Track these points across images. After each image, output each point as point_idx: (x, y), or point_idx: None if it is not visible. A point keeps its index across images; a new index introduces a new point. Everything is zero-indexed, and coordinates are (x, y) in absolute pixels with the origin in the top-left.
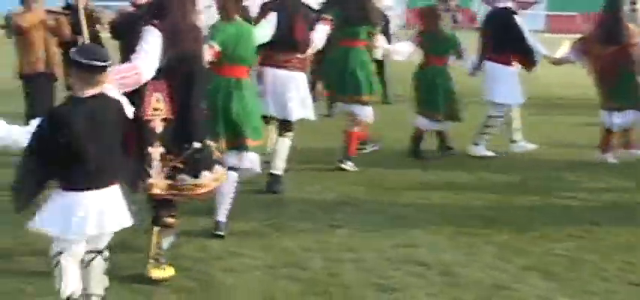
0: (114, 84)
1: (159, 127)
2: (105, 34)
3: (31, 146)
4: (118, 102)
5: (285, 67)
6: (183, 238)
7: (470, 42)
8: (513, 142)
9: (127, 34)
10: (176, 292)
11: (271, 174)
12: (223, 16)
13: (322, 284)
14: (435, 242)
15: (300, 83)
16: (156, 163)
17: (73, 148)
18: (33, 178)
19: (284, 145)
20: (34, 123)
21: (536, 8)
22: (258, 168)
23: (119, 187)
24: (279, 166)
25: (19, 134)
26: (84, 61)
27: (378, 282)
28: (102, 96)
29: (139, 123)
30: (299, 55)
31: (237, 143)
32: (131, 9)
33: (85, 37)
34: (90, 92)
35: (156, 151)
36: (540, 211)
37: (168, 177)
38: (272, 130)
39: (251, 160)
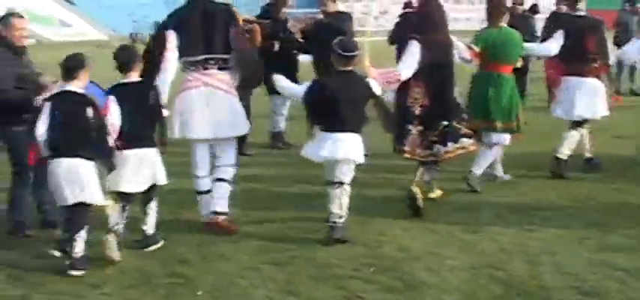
0: (378, 82)
1: (417, 110)
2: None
3: (306, 99)
4: (363, 80)
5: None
6: (384, 238)
7: None
8: None
9: (316, 40)
10: (384, 292)
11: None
12: (490, 24)
13: (523, 285)
14: (634, 247)
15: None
16: (414, 137)
17: (329, 103)
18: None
19: (572, 136)
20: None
21: None
22: (505, 141)
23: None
24: (562, 152)
25: (295, 90)
26: (339, 51)
27: (577, 286)
28: (351, 73)
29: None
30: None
31: (488, 124)
32: (320, 17)
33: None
34: (343, 69)
35: (415, 128)
36: None
37: (427, 147)
38: None
39: (498, 138)
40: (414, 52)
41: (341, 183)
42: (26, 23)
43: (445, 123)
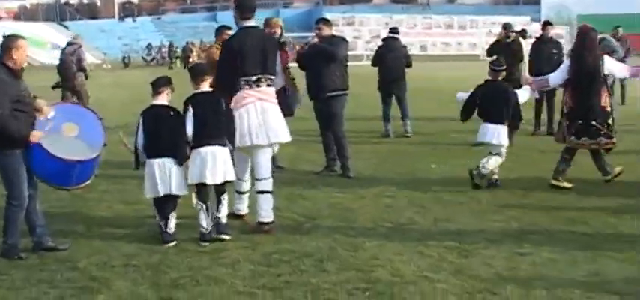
0: (533, 87)
1: (566, 109)
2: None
3: None
4: None
5: None
6: (377, 262)
7: None
8: None
9: (311, 63)
10: None
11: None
12: None
13: None
14: (627, 270)
15: None
16: (563, 129)
17: None
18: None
19: None
20: None
21: None
22: None
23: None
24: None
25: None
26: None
27: None
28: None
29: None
30: None
31: None
32: (315, 40)
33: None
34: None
35: (564, 122)
36: None
37: (575, 137)
38: None
39: None
40: (562, 67)
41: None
42: (27, 46)
43: (580, 121)
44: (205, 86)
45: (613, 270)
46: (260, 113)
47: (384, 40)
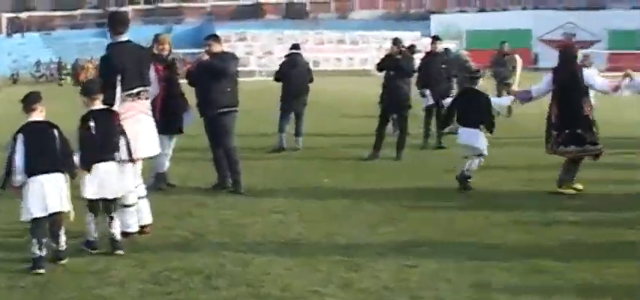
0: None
1: (554, 119)
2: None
3: None
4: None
5: None
6: (266, 277)
7: None
8: None
9: (200, 80)
10: None
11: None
12: None
13: None
14: (511, 281)
15: None
16: (554, 138)
17: None
18: None
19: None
20: None
21: None
22: None
23: None
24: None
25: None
26: None
27: None
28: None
29: None
30: None
31: None
32: (206, 58)
33: None
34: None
35: (554, 132)
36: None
37: (564, 145)
38: None
39: None
40: (544, 80)
41: None
42: None
43: (567, 130)
44: (98, 104)
45: (499, 280)
46: (143, 125)
47: (287, 55)
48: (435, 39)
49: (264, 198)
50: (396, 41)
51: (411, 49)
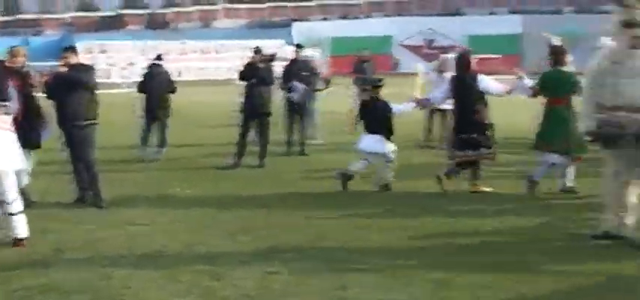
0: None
1: (453, 124)
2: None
3: None
4: None
5: None
6: (127, 291)
7: None
8: None
9: (58, 92)
10: None
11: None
12: (552, 65)
13: None
14: (372, 281)
15: None
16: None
17: None
18: None
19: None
20: None
21: None
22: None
23: None
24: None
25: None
26: None
27: None
28: None
29: None
30: None
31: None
32: (64, 70)
33: None
34: None
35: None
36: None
37: (460, 150)
38: None
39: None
40: (442, 88)
41: None
42: None
43: (462, 135)
44: None
45: (359, 282)
46: (2, 140)
47: (149, 66)
48: (298, 47)
49: (125, 210)
50: (257, 50)
51: (272, 57)
